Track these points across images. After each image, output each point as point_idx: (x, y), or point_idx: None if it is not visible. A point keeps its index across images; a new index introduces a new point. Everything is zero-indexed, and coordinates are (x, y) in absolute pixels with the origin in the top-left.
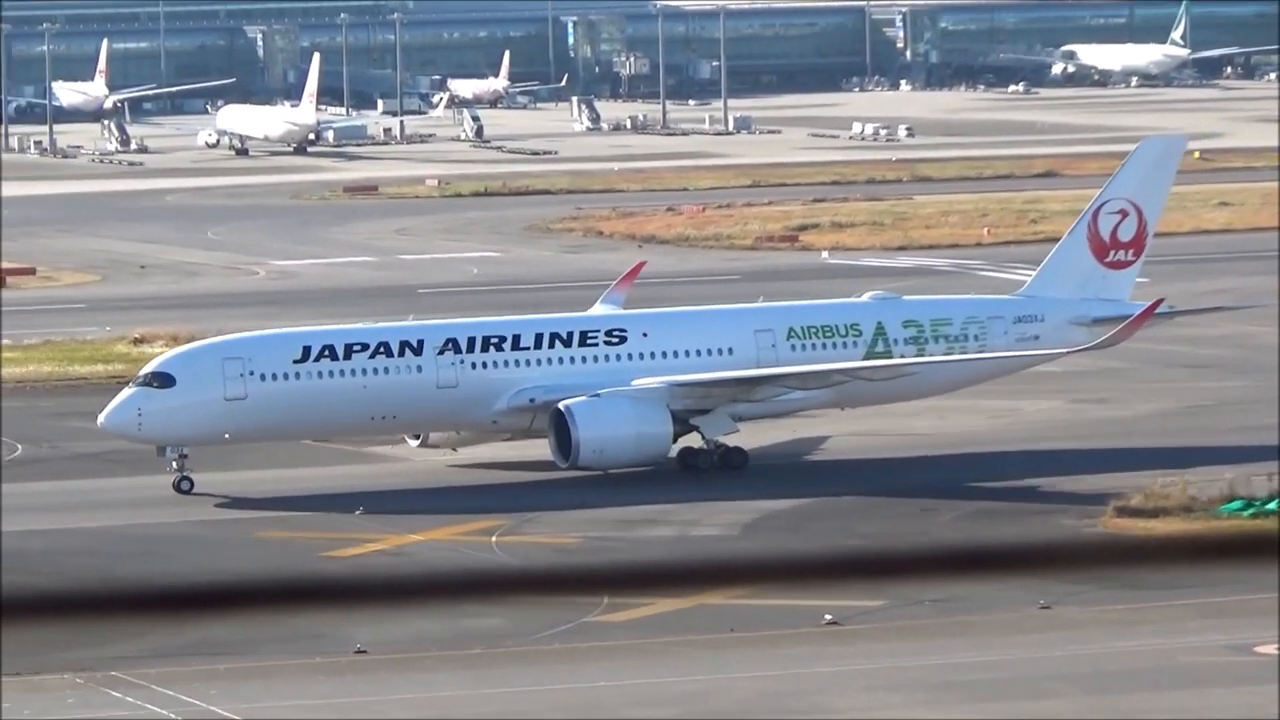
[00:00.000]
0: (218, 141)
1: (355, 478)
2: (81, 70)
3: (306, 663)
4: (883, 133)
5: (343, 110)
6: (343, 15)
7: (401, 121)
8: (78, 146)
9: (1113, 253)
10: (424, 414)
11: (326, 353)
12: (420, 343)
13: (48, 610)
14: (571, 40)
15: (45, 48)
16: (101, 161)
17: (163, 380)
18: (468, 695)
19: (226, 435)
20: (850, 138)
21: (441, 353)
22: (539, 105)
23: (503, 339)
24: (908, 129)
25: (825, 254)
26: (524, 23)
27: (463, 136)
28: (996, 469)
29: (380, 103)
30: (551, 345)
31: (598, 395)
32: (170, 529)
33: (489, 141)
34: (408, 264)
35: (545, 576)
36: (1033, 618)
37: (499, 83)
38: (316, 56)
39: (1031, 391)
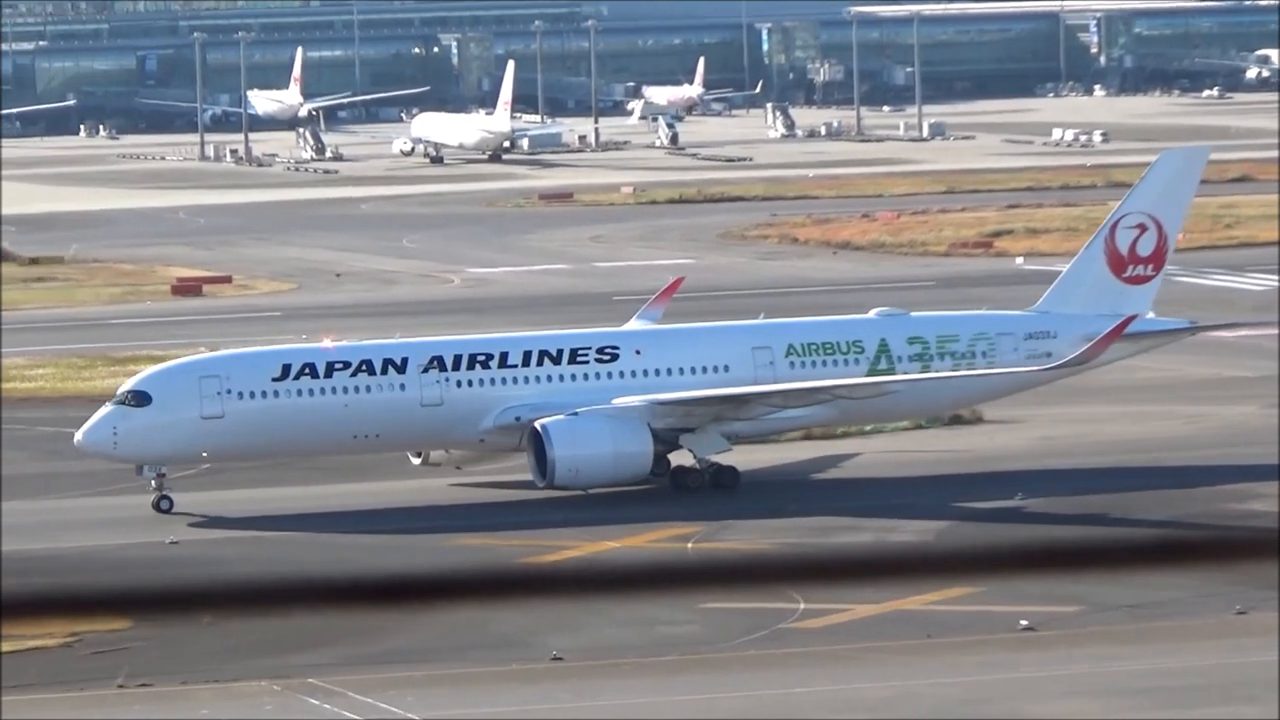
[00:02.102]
0: (412, 149)
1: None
2: (276, 78)
3: (503, 669)
4: (1082, 138)
5: (537, 118)
6: (537, 22)
7: (596, 129)
8: (273, 155)
9: (1131, 267)
10: (408, 433)
11: (307, 371)
12: (404, 360)
13: (244, 604)
14: (766, 47)
15: (240, 56)
16: (297, 169)
17: (139, 398)
18: (663, 702)
19: (204, 454)
20: (1045, 144)
21: (426, 370)
22: (734, 112)
23: (489, 356)
24: (1103, 134)
25: (1019, 260)
26: (719, 29)
27: (657, 143)
28: (1188, 475)
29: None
30: (540, 363)
31: (575, 414)
32: (362, 541)
33: (684, 148)
34: (602, 271)
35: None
36: (1229, 623)
37: (694, 89)
38: (511, 64)
39: (1226, 397)
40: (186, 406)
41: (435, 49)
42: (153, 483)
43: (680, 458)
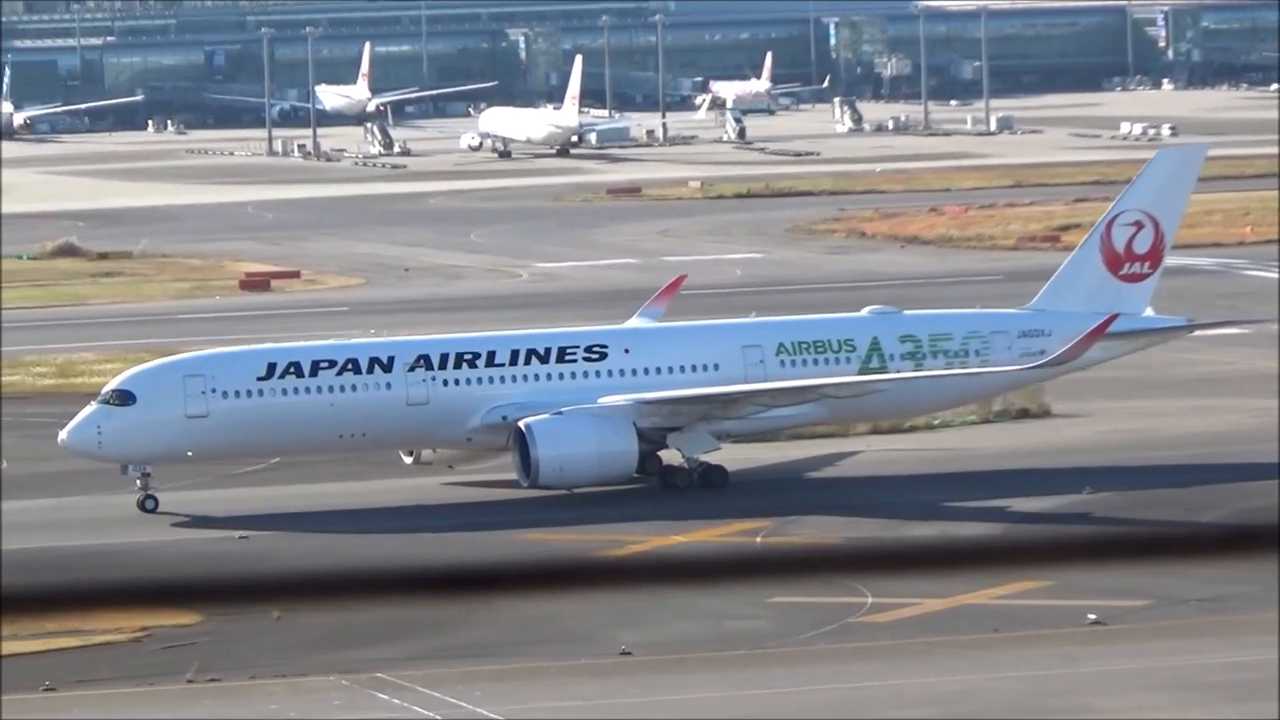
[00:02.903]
0: (480, 144)
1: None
2: (344, 73)
3: (571, 664)
4: (1150, 132)
5: (605, 112)
6: (604, 17)
7: (664, 123)
8: (341, 150)
9: (1127, 265)
10: (394, 432)
11: (292, 370)
12: (390, 359)
13: (315, 597)
14: (833, 41)
15: (308, 51)
16: (364, 164)
17: (123, 398)
18: (731, 696)
19: (189, 453)
20: (1113, 137)
21: (412, 369)
22: (801, 106)
23: (476, 355)
24: (1171, 128)
25: None
26: (786, 24)
27: (725, 138)
28: (1255, 469)
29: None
30: (528, 362)
31: (560, 413)
32: (439, 540)
33: (751, 143)
34: (671, 266)
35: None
36: None
37: (761, 84)
38: (579, 59)
39: None
40: (171, 406)
41: (503, 44)
42: (138, 482)
43: (671, 456)
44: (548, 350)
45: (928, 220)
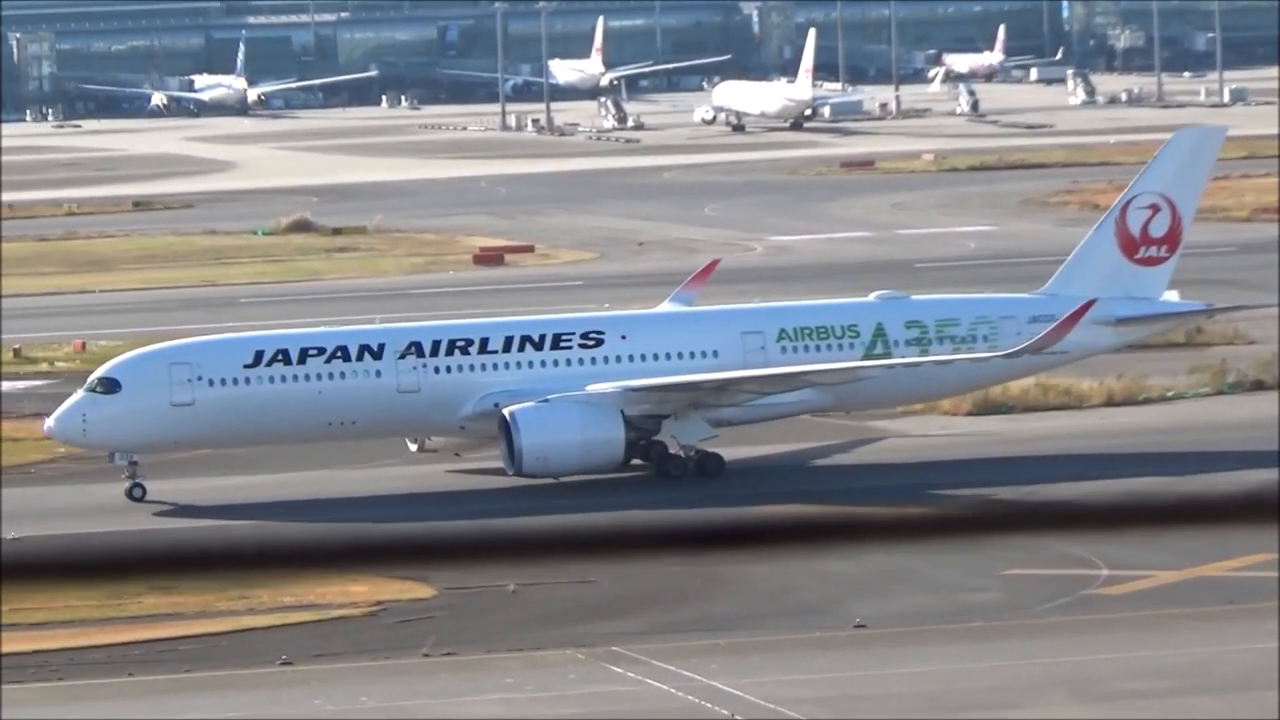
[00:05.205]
0: (714, 118)
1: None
2: (578, 48)
3: (806, 637)
4: None
5: (838, 85)
6: None
7: (897, 96)
8: (575, 124)
9: (1143, 249)
10: (385, 420)
11: (280, 357)
12: (381, 347)
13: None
14: (1066, 13)
15: (541, 26)
16: (598, 139)
17: (108, 385)
18: (967, 669)
19: (174, 442)
20: None
21: (403, 357)
22: (1034, 79)
23: (469, 342)
24: None
25: None
26: None
27: (958, 111)
28: None
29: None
30: (521, 348)
31: (545, 400)
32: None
33: (984, 116)
34: (904, 239)
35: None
36: None
37: (994, 57)
38: (812, 32)
39: None
40: (156, 394)
41: (736, 17)
42: (125, 471)
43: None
44: (542, 337)
45: None
